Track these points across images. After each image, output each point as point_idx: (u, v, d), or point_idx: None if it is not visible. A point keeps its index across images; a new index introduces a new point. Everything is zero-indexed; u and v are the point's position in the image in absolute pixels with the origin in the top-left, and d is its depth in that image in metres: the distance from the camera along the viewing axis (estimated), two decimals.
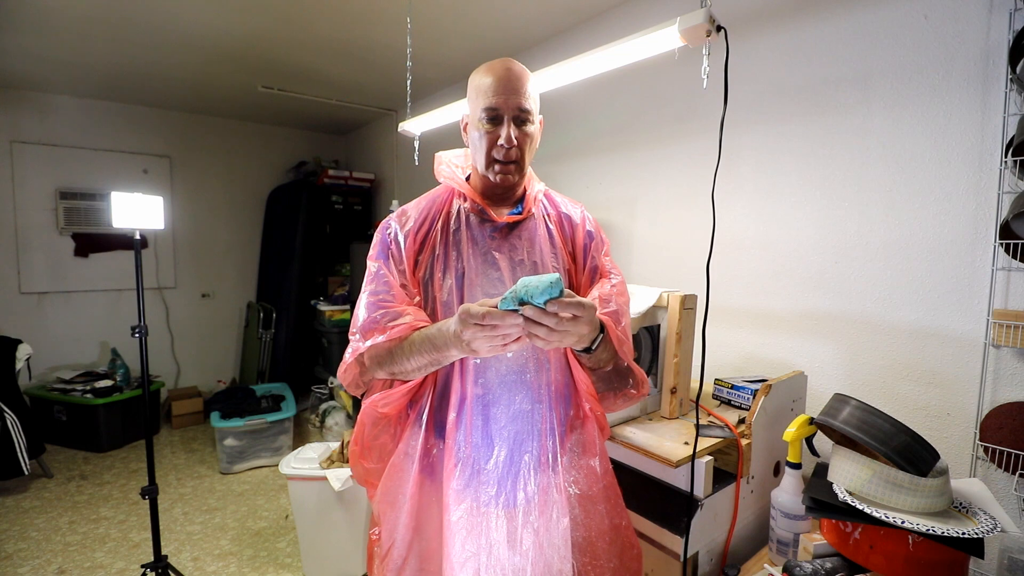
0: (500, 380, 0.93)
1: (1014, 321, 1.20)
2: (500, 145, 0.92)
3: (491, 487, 0.91)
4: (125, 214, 1.81)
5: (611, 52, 1.31)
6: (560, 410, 0.98)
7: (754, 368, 1.79)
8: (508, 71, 0.93)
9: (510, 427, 0.93)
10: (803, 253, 1.66)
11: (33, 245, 3.63)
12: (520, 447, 0.94)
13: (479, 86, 0.94)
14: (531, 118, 0.95)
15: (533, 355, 0.95)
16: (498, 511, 0.91)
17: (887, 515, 0.91)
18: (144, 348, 1.92)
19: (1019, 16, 1.20)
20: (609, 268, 1.03)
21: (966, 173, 1.31)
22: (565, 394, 0.99)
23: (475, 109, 0.95)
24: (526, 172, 1.00)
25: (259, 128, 4.52)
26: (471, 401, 0.92)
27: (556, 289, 0.72)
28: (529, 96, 0.94)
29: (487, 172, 0.95)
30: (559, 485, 0.94)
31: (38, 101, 3.58)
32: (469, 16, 2.36)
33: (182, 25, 2.47)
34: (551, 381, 0.96)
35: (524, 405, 0.94)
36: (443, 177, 1.03)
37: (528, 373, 0.95)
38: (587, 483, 0.99)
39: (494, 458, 0.92)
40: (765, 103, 1.74)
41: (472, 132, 0.97)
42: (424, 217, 0.99)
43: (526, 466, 0.93)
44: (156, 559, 1.92)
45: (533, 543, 0.91)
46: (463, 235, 0.96)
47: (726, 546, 1.24)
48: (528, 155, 0.97)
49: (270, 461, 3.25)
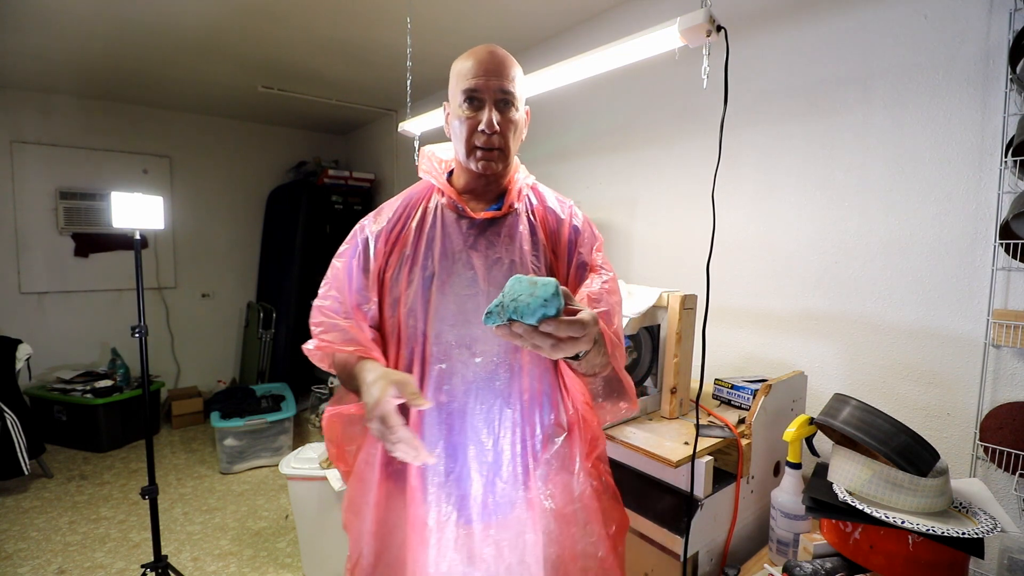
0: (467, 387, 0.87)
1: (1014, 321, 1.20)
2: (481, 131, 0.85)
3: (453, 499, 0.86)
4: (125, 214, 1.81)
5: (611, 52, 1.31)
6: (536, 419, 0.91)
7: (754, 368, 1.79)
8: (490, 53, 0.87)
9: (476, 437, 0.87)
10: (803, 253, 1.66)
11: (33, 245, 3.63)
12: (487, 458, 0.87)
13: (459, 70, 0.88)
14: (515, 102, 0.88)
15: (504, 360, 0.88)
16: (461, 524, 0.86)
17: (887, 515, 0.91)
18: (144, 348, 1.92)
19: (1019, 16, 1.20)
20: (600, 264, 0.94)
21: (966, 173, 1.31)
22: (543, 402, 0.92)
23: (455, 95, 0.89)
24: (511, 162, 0.93)
25: (259, 128, 4.52)
26: (432, 408, 0.86)
27: (552, 307, 0.62)
28: (513, 80, 0.88)
29: (468, 161, 0.89)
30: (531, 499, 0.88)
31: (38, 101, 3.57)
32: (469, 16, 2.36)
33: (182, 25, 2.47)
34: (525, 388, 0.89)
35: (493, 414, 0.87)
36: (422, 171, 0.98)
37: (498, 380, 0.87)
38: (562, 500, 0.92)
39: (457, 469, 0.87)
40: (765, 103, 1.74)
41: (453, 121, 0.90)
42: (399, 215, 0.94)
43: (491, 478, 0.87)
44: (156, 559, 1.92)
45: (495, 558, 0.86)
46: (436, 233, 0.90)
47: (726, 546, 1.24)
48: (513, 143, 0.90)
49: (270, 461, 3.25)
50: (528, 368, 0.90)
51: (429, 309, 0.87)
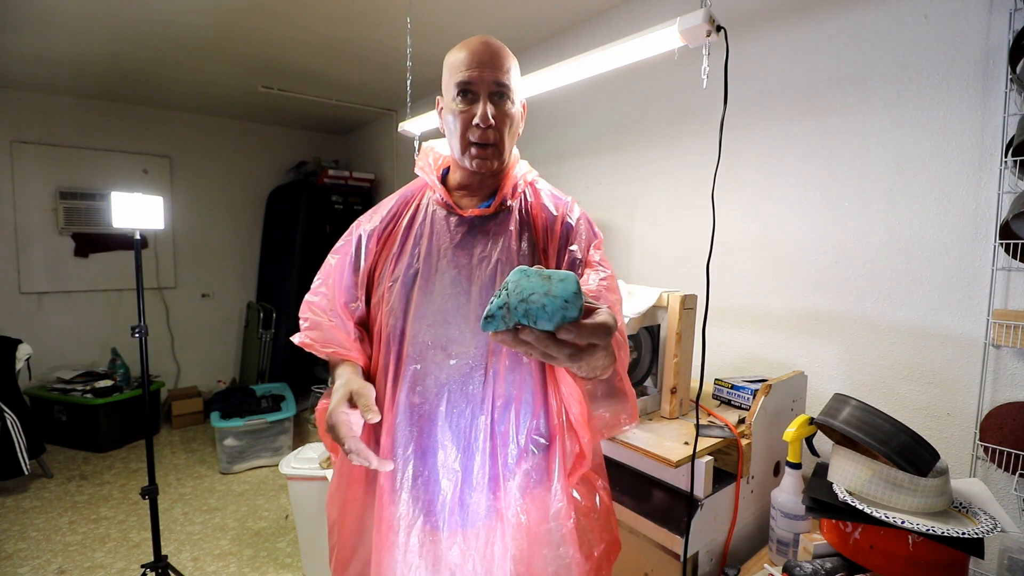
0: (439, 390, 0.83)
1: (1014, 321, 1.20)
2: (476, 125, 0.82)
3: (420, 504, 0.84)
4: (125, 214, 1.81)
5: (611, 52, 1.31)
6: (510, 428, 0.85)
7: (754, 368, 1.79)
8: (484, 44, 0.83)
9: (446, 442, 0.83)
10: (803, 253, 1.66)
11: (33, 245, 3.63)
12: (454, 464, 0.83)
13: (452, 62, 0.85)
14: (511, 95, 0.85)
15: (480, 363, 0.83)
16: (427, 530, 0.84)
17: (887, 515, 0.91)
18: (144, 348, 1.92)
19: (1019, 16, 1.20)
20: (598, 261, 0.88)
21: (966, 173, 1.31)
22: (520, 410, 0.86)
23: (448, 88, 0.86)
24: (507, 158, 0.90)
25: (259, 128, 4.52)
26: (404, 409, 0.84)
27: (574, 308, 0.48)
28: (508, 72, 0.84)
29: (463, 158, 0.86)
30: (500, 511, 0.84)
31: (38, 101, 3.57)
32: (469, 16, 2.36)
33: (182, 25, 2.47)
34: (500, 394, 0.84)
35: (464, 419, 0.83)
36: (417, 168, 0.96)
37: (472, 384, 0.83)
38: (536, 517, 0.86)
39: (426, 473, 0.84)
40: (765, 103, 1.74)
41: (446, 116, 0.87)
42: (392, 213, 0.94)
43: (460, 486, 0.83)
44: (156, 559, 1.92)
45: (459, 567, 0.83)
46: (424, 231, 0.89)
47: (726, 546, 1.24)
48: (508, 138, 0.87)
49: (270, 461, 3.25)
50: (505, 373, 0.84)
51: (409, 308, 0.86)
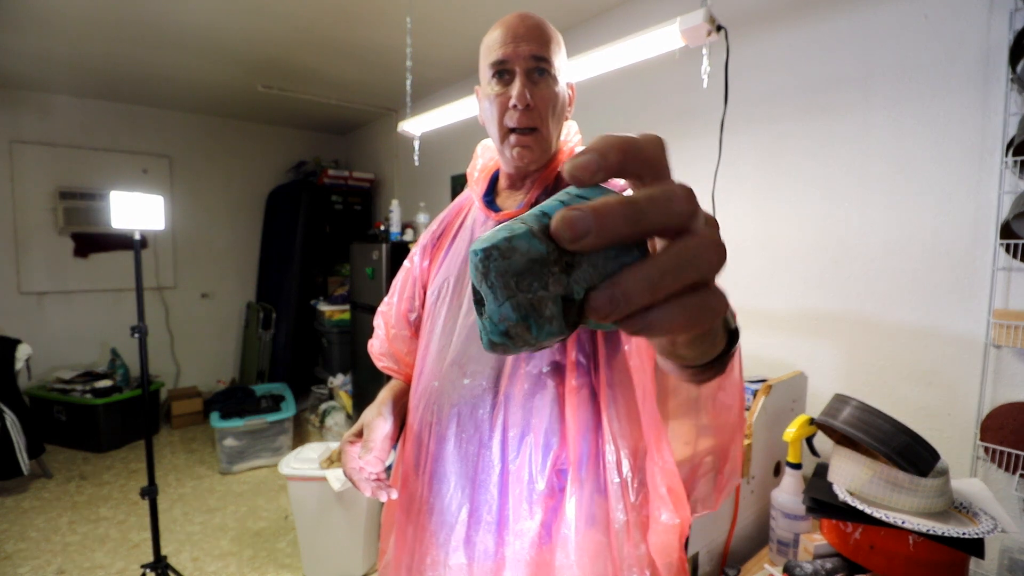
0: (450, 411, 0.74)
1: (1014, 321, 1.20)
2: (512, 106, 0.71)
3: (429, 531, 0.76)
4: (125, 214, 1.81)
5: (611, 52, 1.31)
6: (526, 463, 0.70)
7: (754, 368, 1.79)
8: (521, 18, 0.73)
9: (455, 469, 0.74)
10: (803, 253, 1.66)
11: (33, 245, 3.62)
12: (461, 495, 0.73)
13: (487, 43, 0.75)
14: (553, 71, 0.73)
15: (492, 386, 0.71)
16: (441, 559, 0.74)
17: (887, 515, 0.91)
18: (144, 348, 1.91)
19: (1019, 16, 1.20)
20: None
21: (966, 173, 1.31)
22: (541, 443, 0.69)
23: (484, 72, 0.75)
24: (553, 146, 0.76)
25: (259, 128, 4.52)
26: (428, 430, 0.77)
27: (633, 254, 0.25)
28: (548, 45, 0.72)
29: (503, 148, 0.75)
30: (505, 558, 0.71)
31: (38, 101, 3.57)
32: (469, 16, 2.36)
33: (182, 25, 2.47)
34: (513, 423, 0.70)
35: (472, 447, 0.72)
36: (468, 169, 0.88)
37: (481, 409, 0.72)
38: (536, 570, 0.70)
39: (440, 502, 0.75)
40: (765, 103, 1.74)
41: (483, 103, 0.77)
42: (443, 223, 0.89)
43: (469, 519, 0.72)
44: (156, 559, 1.92)
45: None
46: (462, 237, 0.83)
47: (726, 546, 1.24)
48: (553, 123, 0.74)
49: (270, 461, 3.25)
50: (522, 399, 0.70)
51: (437, 321, 0.81)
